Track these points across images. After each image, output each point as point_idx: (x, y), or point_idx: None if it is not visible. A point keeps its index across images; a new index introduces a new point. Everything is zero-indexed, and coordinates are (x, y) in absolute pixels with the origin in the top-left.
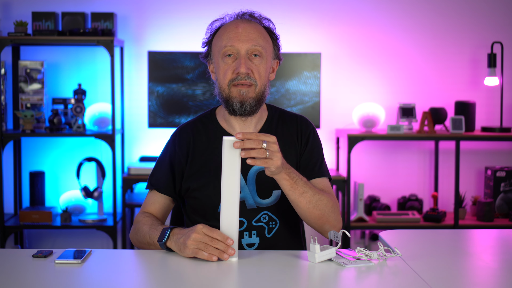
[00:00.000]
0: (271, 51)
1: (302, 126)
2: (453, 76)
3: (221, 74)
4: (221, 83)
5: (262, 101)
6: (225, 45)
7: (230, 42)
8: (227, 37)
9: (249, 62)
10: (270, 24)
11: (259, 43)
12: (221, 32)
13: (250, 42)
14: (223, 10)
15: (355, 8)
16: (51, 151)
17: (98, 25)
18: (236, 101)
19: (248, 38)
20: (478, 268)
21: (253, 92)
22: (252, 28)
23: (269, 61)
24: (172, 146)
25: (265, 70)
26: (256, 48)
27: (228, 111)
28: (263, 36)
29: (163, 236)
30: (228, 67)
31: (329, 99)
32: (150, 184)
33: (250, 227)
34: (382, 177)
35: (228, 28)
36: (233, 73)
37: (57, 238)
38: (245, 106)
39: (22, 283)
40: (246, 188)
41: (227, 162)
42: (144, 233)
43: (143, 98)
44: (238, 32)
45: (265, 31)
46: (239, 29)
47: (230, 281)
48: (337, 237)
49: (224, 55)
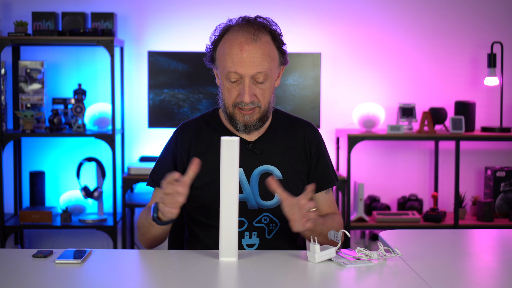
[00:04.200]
0: (276, 66)
1: (310, 134)
2: (453, 76)
3: (226, 92)
4: (226, 101)
5: (267, 117)
6: (229, 70)
7: (234, 67)
8: (231, 60)
9: (253, 88)
10: (277, 28)
11: (264, 68)
12: (226, 49)
13: (254, 69)
14: (223, 10)
15: (355, 8)
16: (51, 151)
17: (98, 25)
18: (240, 124)
19: (252, 64)
20: (478, 268)
21: (257, 113)
22: (256, 51)
23: (274, 77)
24: (174, 143)
25: (270, 89)
26: (260, 74)
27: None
28: (268, 55)
29: (153, 211)
30: (233, 89)
31: (329, 99)
32: (151, 181)
33: (250, 228)
34: (382, 177)
35: (233, 49)
36: (237, 97)
37: (57, 238)
38: (249, 129)
39: (22, 283)
40: (248, 188)
41: (226, 162)
42: (143, 222)
43: (143, 98)
44: (243, 58)
45: (270, 46)
46: (243, 53)
47: (230, 281)
48: (337, 237)
49: (227, 78)
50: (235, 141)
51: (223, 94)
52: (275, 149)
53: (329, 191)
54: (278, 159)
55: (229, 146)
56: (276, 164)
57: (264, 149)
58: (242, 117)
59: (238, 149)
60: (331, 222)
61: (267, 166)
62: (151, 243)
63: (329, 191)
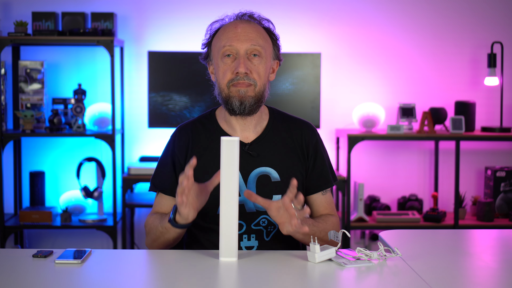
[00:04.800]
0: (271, 51)
1: (307, 134)
2: (453, 76)
3: (221, 74)
4: (221, 83)
5: (262, 101)
6: (224, 45)
7: (229, 42)
8: (226, 37)
9: (248, 62)
10: (270, 24)
11: (258, 43)
12: (220, 33)
13: (249, 42)
14: (223, 10)
15: (355, 8)
16: (51, 151)
17: (98, 25)
18: (235, 100)
19: (247, 37)
20: (478, 268)
21: (252, 91)
22: (251, 28)
23: (268, 61)
24: (172, 146)
25: (265, 70)
26: (255, 47)
27: (228, 111)
28: (263, 36)
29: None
30: (227, 68)
31: (329, 99)
32: (153, 186)
33: (249, 231)
34: (382, 177)
35: (227, 28)
36: (232, 73)
37: (57, 238)
38: (244, 105)
39: (22, 283)
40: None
41: (225, 162)
42: (156, 228)
43: (143, 98)
44: (237, 32)
45: (264, 31)
46: (238, 29)
47: (230, 281)
48: (337, 237)
49: (223, 55)
50: (235, 141)
51: (218, 78)
52: (272, 151)
53: (326, 192)
54: (276, 160)
55: (229, 146)
56: (273, 166)
57: (261, 150)
58: (237, 92)
59: (238, 149)
60: (323, 224)
61: (264, 168)
62: (163, 247)
63: (326, 192)
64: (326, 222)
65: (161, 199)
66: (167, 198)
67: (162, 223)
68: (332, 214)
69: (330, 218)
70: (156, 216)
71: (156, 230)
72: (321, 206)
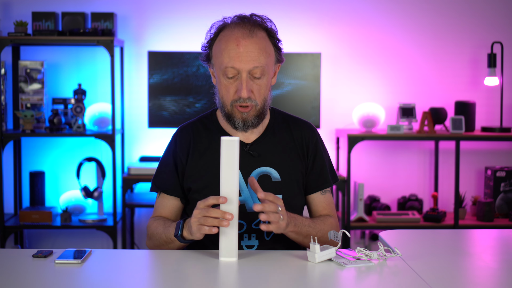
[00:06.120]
0: (272, 62)
1: (307, 134)
2: (453, 76)
3: (223, 90)
4: (224, 98)
5: (264, 114)
6: (226, 65)
7: (231, 62)
8: (228, 55)
9: (250, 83)
10: (272, 26)
11: (261, 62)
12: (222, 45)
13: (252, 63)
14: (223, 10)
15: (355, 8)
16: (51, 151)
17: (98, 25)
18: (238, 120)
19: (249, 58)
20: (478, 268)
21: (254, 110)
22: (253, 45)
23: (270, 73)
24: (173, 146)
25: (266, 85)
26: (257, 69)
27: (230, 125)
28: (265, 51)
29: (178, 229)
30: (230, 86)
31: (329, 99)
32: (155, 186)
33: (249, 230)
34: (382, 177)
35: (229, 44)
36: (235, 93)
37: (57, 238)
38: (247, 125)
39: (22, 283)
40: (246, 191)
41: (225, 162)
42: (159, 235)
43: (143, 98)
44: (239, 52)
45: (266, 42)
46: (240, 48)
47: (230, 281)
48: (337, 237)
49: (225, 74)
50: (235, 141)
51: (220, 92)
52: (273, 150)
53: (325, 192)
54: (276, 160)
55: (229, 146)
56: (274, 166)
57: (262, 150)
58: (240, 114)
59: (238, 149)
60: (320, 225)
61: (265, 168)
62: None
63: (325, 192)
64: (324, 223)
65: (162, 200)
66: (169, 198)
67: (166, 232)
68: (331, 215)
69: (328, 219)
70: (159, 222)
71: (160, 238)
72: (319, 206)
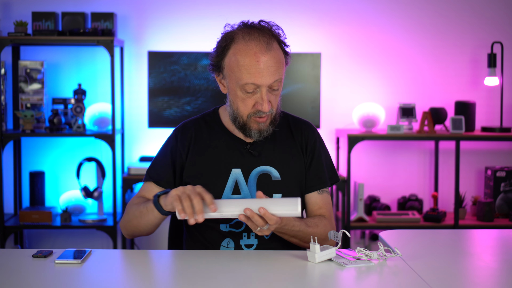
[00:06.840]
0: (285, 68)
1: (307, 133)
2: (453, 76)
3: (239, 102)
4: (240, 110)
5: (277, 119)
6: (246, 81)
7: (251, 79)
8: (247, 71)
9: (269, 96)
10: (280, 31)
11: (280, 74)
12: (240, 60)
13: (272, 78)
14: (223, 10)
15: (355, 8)
16: (51, 151)
17: (98, 25)
18: (254, 131)
19: (270, 73)
20: (478, 268)
21: (269, 119)
22: (272, 60)
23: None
24: (174, 140)
25: (280, 92)
26: (276, 82)
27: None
28: (281, 62)
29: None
30: (248, 100)
31: (329, 99)
32: (148, 177)
33: (249, 229)
34: (382, 177)
35: (248, 59)
36: (253, 107)
37: (57, 238)
38: (262, 135)
39: (22, 283)
40: (246, 189)
41: (247, 201)
42: (138, 206)
43: (143, 98)
44: (260, 68)
45: (280, 52)
46: (260, 64)
47: (230, 281)
48: (337, 237)
49: (243, 89)
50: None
51: (235, 103)
52: (273, 150)
53: (322, 192)
54: (276, 159)
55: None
56: (274, 165)
57: (262, 149)
58: (257, 125)
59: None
60: (314, 228)
61: (265, 167)
62: (135, 231)
63: (322, 192)
64: (317, 225)
65: (152, 187)
66: (158, 189)
67: (146, 203)
68: (326, 216)
69: (322, 221)
70: (140, 200)
71: (136, 209)
72: (315, 205)
